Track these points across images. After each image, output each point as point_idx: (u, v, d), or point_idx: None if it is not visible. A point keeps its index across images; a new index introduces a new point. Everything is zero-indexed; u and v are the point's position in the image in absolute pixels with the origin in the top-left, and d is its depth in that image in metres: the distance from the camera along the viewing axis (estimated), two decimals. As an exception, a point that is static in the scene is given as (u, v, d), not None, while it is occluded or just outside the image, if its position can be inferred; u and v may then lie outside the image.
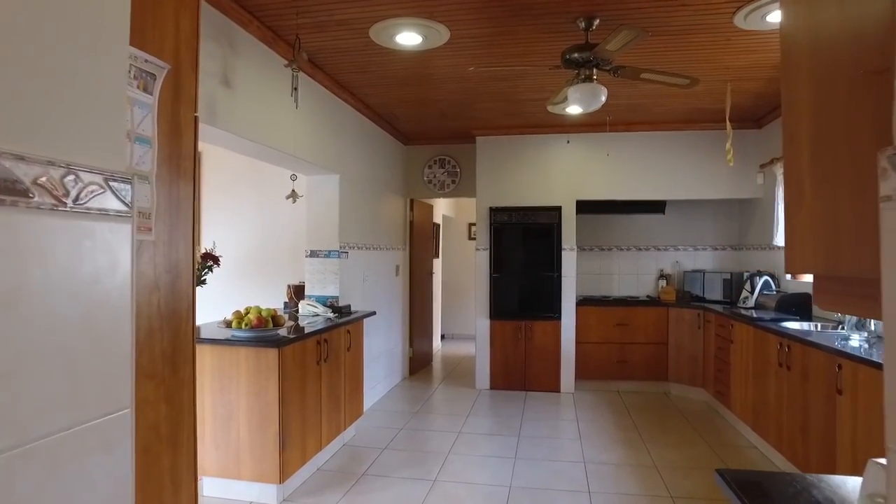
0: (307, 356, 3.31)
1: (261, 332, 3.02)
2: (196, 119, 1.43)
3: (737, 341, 4.40)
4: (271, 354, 2.96)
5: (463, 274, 9.34)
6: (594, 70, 3.07)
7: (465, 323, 9.37)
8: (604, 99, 3.08)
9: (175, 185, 1.30)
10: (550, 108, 4.96)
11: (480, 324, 5.94)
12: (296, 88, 3.02)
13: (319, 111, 4.12)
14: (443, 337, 9.02)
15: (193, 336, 1.38)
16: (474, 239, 9.31)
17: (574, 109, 4.97)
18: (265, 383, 2.98)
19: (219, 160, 5.01)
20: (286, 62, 3.08)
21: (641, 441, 4.24)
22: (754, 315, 4.40)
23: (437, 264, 8.15)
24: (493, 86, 4.41)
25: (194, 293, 1.39)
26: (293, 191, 3.29)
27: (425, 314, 7.08)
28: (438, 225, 8.17)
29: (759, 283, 4.87)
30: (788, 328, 3.58)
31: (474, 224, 9.32)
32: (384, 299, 5.66)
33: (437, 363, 7.37)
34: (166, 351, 1.27)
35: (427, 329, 7.18)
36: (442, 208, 8.29)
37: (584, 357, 5.82)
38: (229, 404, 3.04)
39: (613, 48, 2.77)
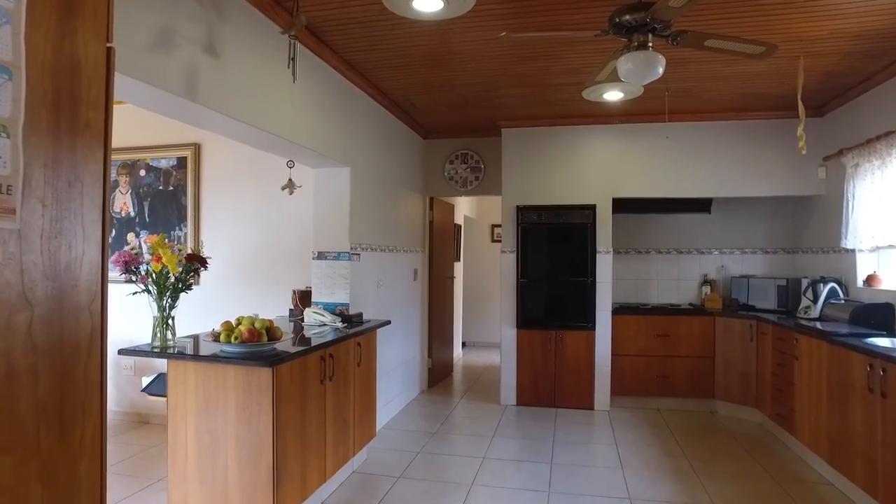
0: (308, 374, 2.84)
1: (253, 347, 2.56)
2: (110, 52, 0.97)
3: (804, 358, 3.82)
4: (264, 374, 2.50)
5: (485, 278, 8.84)
6: (649, 36, 2.56)
7: (487, 330, 8.87)
8: (661, 70, 2.56)
9: (68, 144, 0.85)
10: (586, 94, 4.45)
11: (506, 333, 5.43)
12: (293, 59, 2.56)
13: (326, 94, 3.66)
14: (463, 345, 8.53)
15: (102, 376, 0.92)
16: (498, 241, 8.83)
17: (614, 95, 4.46)
18: (257, 408, 2.52)
19: (219, 153, 4.59)
20: (282, 29, 2.63)
21: (693, 472, 3.69)
22: (820, 327, 3.83)
23: (458, 268, 7.66)
24: (522, 67, 3.92)
25: (104, 311, 0.93)
26: (290, 180, 2.84)
27: (445, 321, 6.59)
28: (459, 226, 7.68)
29: (824, 290, 4.28)
30: (880, 346, 3.01)
31: (498, 225, 8.84)
32: (401, 306, 5.19)
33: (457, 374, 6.87)
34: (45, 403, 0.81)
35: (447, 337, 6.69)
36: (463, 208, 7.81)
37: (621, 371, 5.27)
38: (215, 432, 2.58)
39: (677, 4, 2.26)
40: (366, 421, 3.66)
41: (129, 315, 4.51)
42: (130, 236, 4.69)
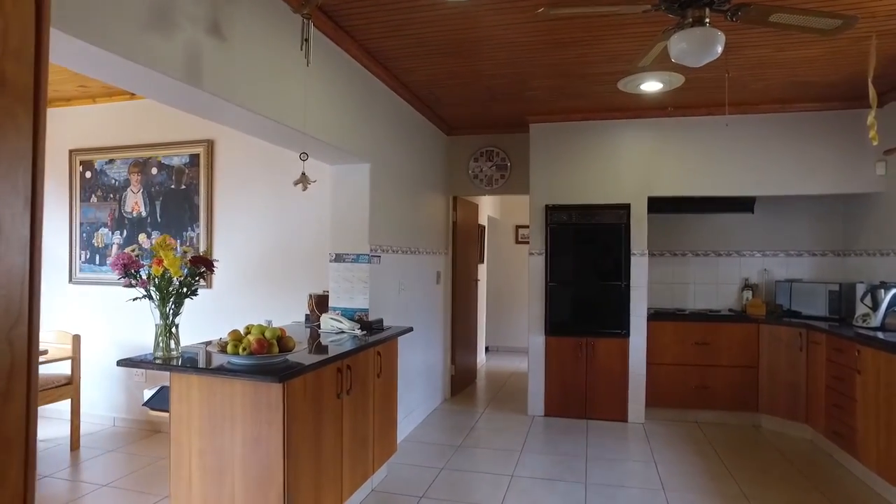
0: (324, 388, 2.59)
1: (262, 359, 2.32)
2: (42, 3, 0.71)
3: (869, 371, 3.47)
4: (273, 390, 2.26)
5: (510, 281, 8.55)
6: (706, 10, 2.26)
7: (511, 335, 8.57)
8: (720, 50, 2.26)
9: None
10: (623, 85, 4.15)
11: (534, 340, 5.14)
12: (307, 39, 2.32)
13: (345, 85, 3.42)
14: (487, 350, 8.24)
15: (29, 427, 0.67)
16: (523, 243, 8.53)
17: (652, 85, 4.16)
18: (266, 427, 2.28)
19: (233, 150, 4.38)
20: (293, 8, 2.39)
21: (743, 497, 3.36)
22: (882, 337, 3.48)
23: (482, 270, 7.38)
24: (555, 55, 3.63)
25: (32, 339, 0.69)
26: (303, 174, 2.60)
27: (469, 326, 6.32)
28: (483, 227, 7.40)
29: (887, 297, 3.91)
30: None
31: (523, 226, 8.54)
32: (423, 311, 4.93)
33: (481, 381, 6.59)
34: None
35: (471, 342, 6.41)
36: (487, 208, 7.52)
37: (657, 381, 4.94)
38: (221, 453, 2.34)
39: (744, -29, 1.96)
40: (386, 436, 3.41)
41: (136, 317, 4.32)
42: (142, 238, 4.51)
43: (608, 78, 4.08)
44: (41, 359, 4.04)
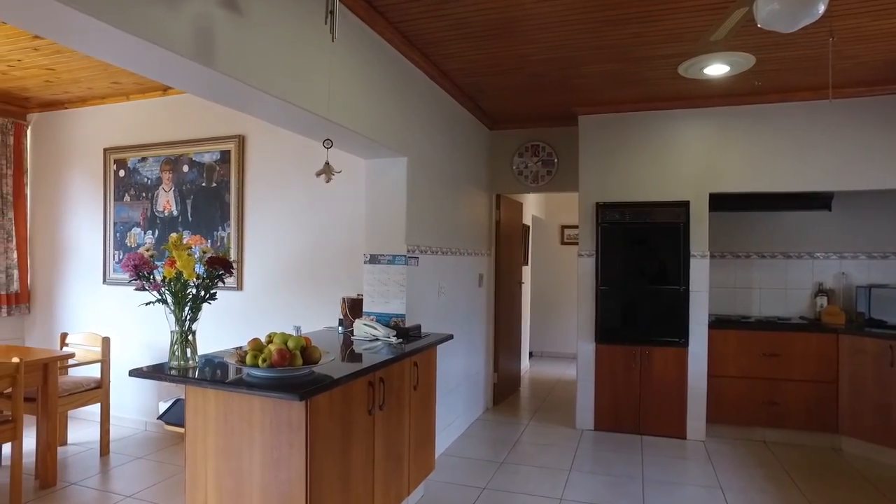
0: (353, 404, 2.33)
1: (283, 371, 2.07)
2: None
3: (981, 393, 2.99)
4: (295, 408, 2.00)
5: (555, 283, 8.18)
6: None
7: (556, 340, 8.20)
8: (822, 9, 1.88)
9: None
10: (684, 70, 3.76)
11: (583, 348, 4.78)
12: (332, 11, 2.06)
13: (379, 72, 3.16)
14: (531, 355, 7.89)
15: None
16: (568, 243, 8.13)
17: (718, 69, 3.74)
18: (286, 449, 2.02)
19: (264, 145, 4.19)
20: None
21: (831, 533, 2.93)
22: None
23: (526, 272, 7.03)
24: (607, 35, 3.28)
25: None
26: (326, 164, 2.34)
27: (513, 331, 5.99)
28: (528, 227, 7.05)
29: None
30: None
31: (569, 226, 8.14)
32: (464, 315, 4.63)
33: (525, 389, 6.25)
34: None
35: (515, 348, 6.08)
36: (531, 207, 7.17)
37: (719, 395, 4.51)
38: (239, 475, 2.11)
39: None
40: (423, 453, 3.12)
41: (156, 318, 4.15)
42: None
43: (667, 61, 3.70)
44: (69, 362, 3.93)
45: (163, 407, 3.22)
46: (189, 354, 2.23)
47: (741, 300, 5.07)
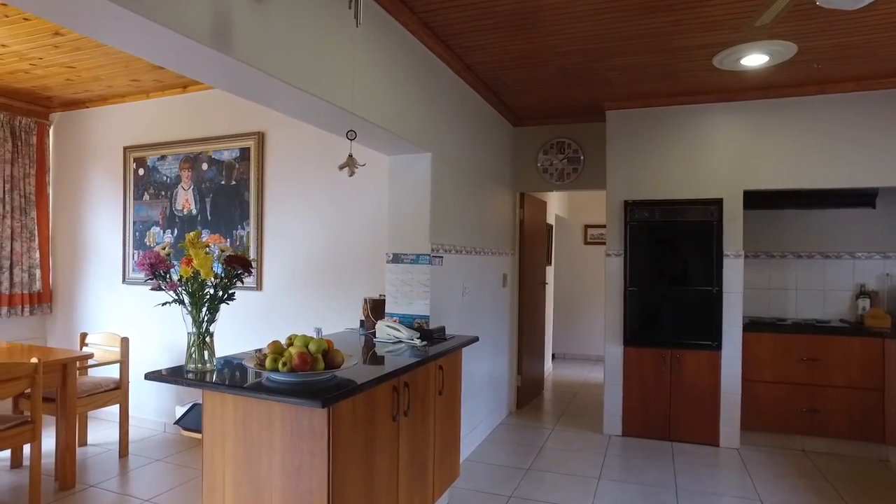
0: (377, 410, 2.22)
1: (304, 376, 1.96)
2: None
3: None
4: (317, 415, 1.90)
5: (578, 284, 8.01)
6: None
7: (580, 342, 8.03)
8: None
9: None
10: (719, 61, 3.59)
11: (611, 350, 4.62)
12: (356, -6, 1.95)
13: (403, 64, 3.05)
14: (553, 357, 7.72)
15: None
16: (592, 243, 7.96)
17: (756, 59, 3.56)
18: (308, 458, 1.92)
19: (284, 142, 4.11)
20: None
21: (883, 551, 2.75)
22: None
23: (549, 272, 6.88)
24: (642, 24, 3.13)
25: None
26: (350, 157, 2.23)
27: (536, 333, 5.84)
28: (551, 226, 6.89)
29: None
30: None
31: (592, 226, 7.96)
32: (488, 316, 4.50)
33: (548, 392, 6.10)
34: None
35: (538, 350, 5.94)
36: (554, 206, 7.01)
37: (754, 401, 4.32)
38: (258, 483, 2.00)
39: None
40: (448, 460, 3.00)
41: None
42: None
43: (703, 52, 3.53)
44: (89, 362, 3.88)
45: (179, 411, 3.14)
46: (206, 357, 2.14)
47: (775, 302, 4.87)
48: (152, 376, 2.07)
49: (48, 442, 3.98)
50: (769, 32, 3.18)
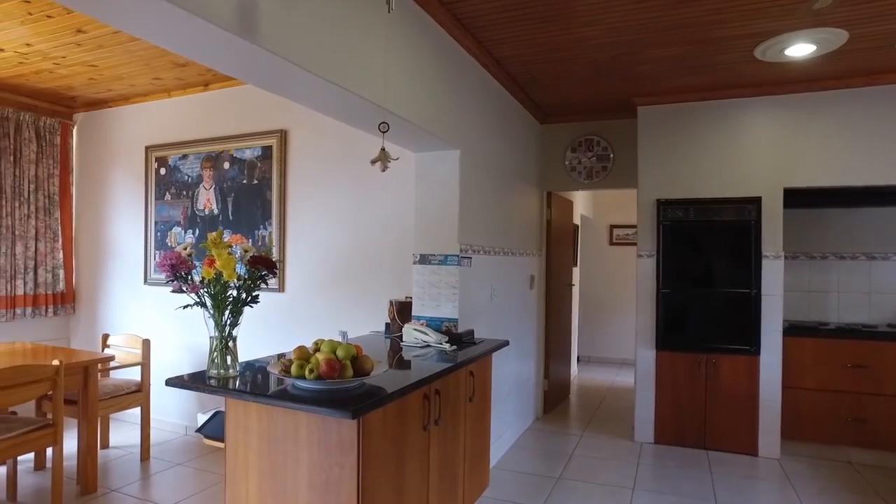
0: (408, 420, 2.10)
1: (332, 384, 1.85)
2: None
3: None
4: (346, 427, 1.78)
5: (603, 285, 7.83)
6: None
7: (606, 345, 7.85)
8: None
9: None
10: (761, 52, 3.41)
11: (642, 354, 4.45)
12: (389, -23, 1.84)
13: (431, 57, 2.93)
14: (578, 360, 7.55)
15: None
16: (618, 244, 7.77)
17: (802, 49, 3.38)
18: (336, 471, 1.80)
19: (307, 140, 4.02)
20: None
21: (947, 574, 2.55)
22: None
23: (575, 274, 6.71)
24: (680, 12, 2.97)
25: None
26: (383, 151, 2.11)
27: (563, 336, 5.69)
28: (577, 226, 6.73)
29: None
30: None
31: (618, 226, 7.77)
32: (516, 319, 4.37)
33: (574, 396, 5.94)
34: None
35: (565, 353, 5.78)
36: (579, 206, 6.85)
37: (796, 409, 4.12)
38: (283, 495, 1.90)
39: None
40: (478, 469, 2.88)
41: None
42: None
43: (744, 43, 3.36)
44: (110, 364, 3.83)
45: (201, 419, 3.06)
46: (229, 362, 2.04)
47: (815, 305, 4.66)
48: (174, 382, 1.98)
49: (70, 444, 3.94)
50: (817, 20, 3.00)
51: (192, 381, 1.98)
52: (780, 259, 4.14)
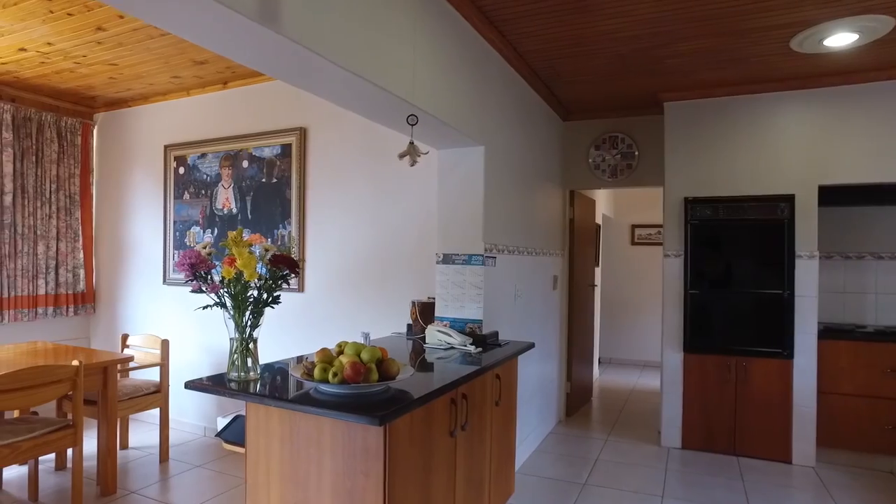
0: (434, 425, 2.01)
1: (357, 388, 1.77)
2: None
3: None
4: (372, 434, 1.70)
5: (626, 286, 7.68)
6: None
7: (628, 346, 7.71)
8: None
9: None
10: (798, 43, 3.27)
11: (669, 357, 4.32)
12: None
13: (456, 51, 2.85)
14: (600, 361, 7.41)
15: None
16: (639, 244, 7.62)
17: (842, 38, 3.22)
18: (362, 479, 1.73)
19: (327, 137, 3.95)
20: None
21: None
22: None
23: (597, 274, 6.58)
24: (708, 4, 2.85)
25: None
26: (411, 144, 2.03)
27: (585, 337, 5.57)
28: (599, 226, 6.60)
29: None
30: None
31: (640, 226, 7.62)
32: (539, 320, 4.27)
33: (597, 399, 5.81)
34: None
35: (587, 355, 5.66)
36: (601, 206, 6.72)
37: (832, 415, 3.96)
38: (306, 506, 1.82)
39: None
40: (503, 475, 2.78)
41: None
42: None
43: (779, 34, 3.22)
44: (130, 364, 3.80)
45: (221, 423, 3.01)
46: (250, 365, 1.98)
47: (851, 307, 4.49)
48: (193, 385, 1.91)
49: (90, 444, 3.92)
50: (862, 6, 2.86)
51: (212, 384, 1.92)
52: (814, 259, 3.99)
